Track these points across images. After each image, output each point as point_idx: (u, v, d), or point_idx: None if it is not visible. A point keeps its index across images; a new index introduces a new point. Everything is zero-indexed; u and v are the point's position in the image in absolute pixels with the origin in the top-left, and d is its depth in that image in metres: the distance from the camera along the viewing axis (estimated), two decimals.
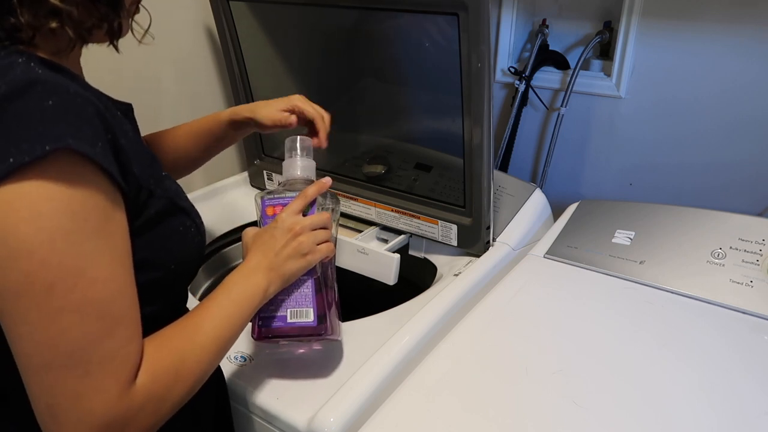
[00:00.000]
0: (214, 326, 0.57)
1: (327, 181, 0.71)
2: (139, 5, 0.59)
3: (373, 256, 1.05)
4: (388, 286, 1.06)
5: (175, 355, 0.52)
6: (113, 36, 0.55)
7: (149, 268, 0.53)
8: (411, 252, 1.13)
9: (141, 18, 0.62)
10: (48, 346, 0.44)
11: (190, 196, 1.30)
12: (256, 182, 1.31)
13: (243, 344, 0.84)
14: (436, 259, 1.09)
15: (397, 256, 1.02)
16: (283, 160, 0.78)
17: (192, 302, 0.95)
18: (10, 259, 0.42)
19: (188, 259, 0.60)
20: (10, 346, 0.45)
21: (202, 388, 0.56)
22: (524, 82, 1.30)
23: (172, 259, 0.57)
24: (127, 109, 0.64)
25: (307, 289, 0.69)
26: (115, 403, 0.46)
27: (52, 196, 0.43)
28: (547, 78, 1.30)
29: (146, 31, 0.63)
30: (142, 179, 0.52)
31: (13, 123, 0.42)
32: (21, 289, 0.43)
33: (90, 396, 0.45)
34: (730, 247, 0.89)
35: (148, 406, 0.49)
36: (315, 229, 0.67)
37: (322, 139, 0.81)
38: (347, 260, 1.09)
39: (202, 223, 0.64)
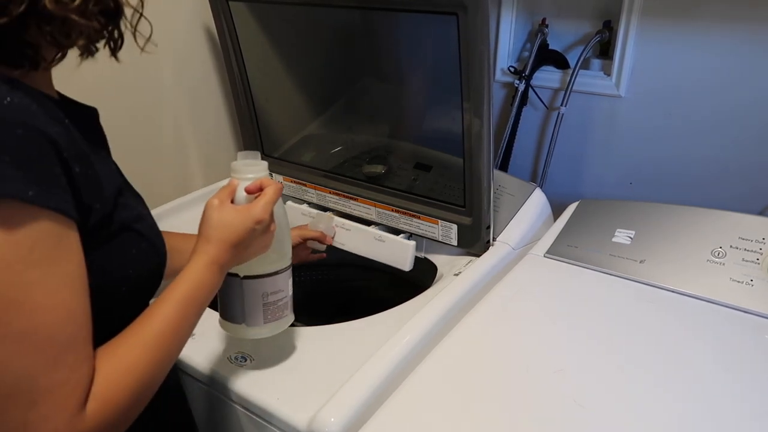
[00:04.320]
0: (168, 325, 0.55)
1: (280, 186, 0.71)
2: (142, 15, 0.57)
3: (389, 243, 1.08)
4: (388, 285, 1.06)
5: (128, 367, 0.51)
6: (115, 48, 0.54)
7: (101, 292, 0.52)
8: None
9: (144, 25, 0.61)
10: (20, 376, 0.43)
11: (190, 196, 1.31)
12: None
13: (243, 344, 0.84)
14: (436, 258, 1.09)
15: (413, 242, 1.04)
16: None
17: None
18: None
19: (143, 282, 0.59)
20: None
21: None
22: (524, 81, 1.30)
23: (126, 282, 0.56)
24: (91, 116, 0.62)
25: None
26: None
27: None
28: (547, 77, 1.30)
29: (148, 38, 0.60)
30: (94, 206, 0.51)
31: None
32: None
33: (37, 426, 0.44)
34: (731, 246, 0.89)
35: (100, 428, 0.48)
36: None
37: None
38: (364, 247, 1.12)
39: (162, 243, 0.62)
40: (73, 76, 0.61)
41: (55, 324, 0.45)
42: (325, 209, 1.21)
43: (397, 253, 1.08)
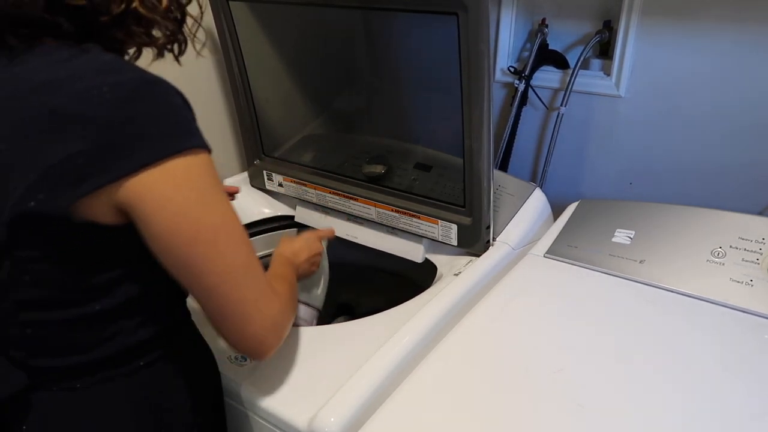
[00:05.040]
0: (285, 279, 0.77)
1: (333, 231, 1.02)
2: (200, 26, 0.67)
3: (402, 237, 1.10)
4: (387, 285, 1.06)
5: (283, 290, 0.71)
6: (179, 52, 0.64)
7: None
8: None
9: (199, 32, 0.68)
10: (230, 273, 0.58)
11: None
12: (256, 182, 1.31)
13: None
14: (436, 258, 1.09)
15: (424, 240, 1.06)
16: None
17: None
18: (180, 214, 0.54)
19: None
20: (193, 288, 0.59)
21: (203, 379, 0.70)
22: (524, 81, 1.30)
23: None
24: None
25: None
26: (274, 305, 0.63)
27: (194, 169, 0.55)
28: (547, 77, 1.30)
29: (203, 44, 0.70)
30: None
31: (160, 116, 0.53)
32: (198, 235, 0.56)
33: (262, 301, 0.61)
34: (730, 246, 0.89)
35: (286, 313, 0.66)
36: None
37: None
38: (377, 241, 1.14)
39: None
40: None
41: (243, 235, 0.60)
42: (325, 209, 1.21)
43: (410, 245, 1.10)
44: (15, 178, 0.52)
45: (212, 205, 0.57)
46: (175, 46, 0.63)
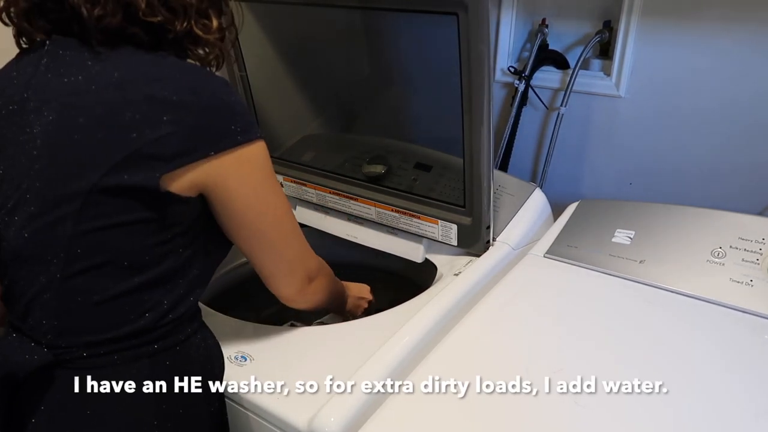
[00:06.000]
0: (337, 289, 0.91)
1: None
2: (233, 44, 0.78)
3: (402, 236, 1.10)
4: (388, 285, 1.06)
5: (326, 280, 0.85)
6: (218, 65, 0.72)
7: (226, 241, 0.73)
8: None
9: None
10: (285, 236, 0.74)
11: None
12: None
13: (243, 344, 0.84)
14: (436, 258, 1.09)
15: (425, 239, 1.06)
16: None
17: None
18: (254, 192, 0.68)
19: None
20: (254, 250, 0.72)
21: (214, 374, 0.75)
22: (524, 81, 1.30)
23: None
24: None
25: None
26: (313, 262, 0.80)
27: (262, 155, 0.67)
28: (547, 77, 1.30)
29: (234, 60, 0.82)
30: None
31: (238, 110, 0.64)
32: (266, 209, 0.70)
33: (305, 257, 0.78)
34: (730, 246, 0.89)
35: (321, 276, 0.82)
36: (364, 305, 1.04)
37: None
38: (377, 241, 1.13)
39: None
40: None
41: (294, 217, 0.76)
42: (325, 209, 1.21)
43: (410, 245, 1.10)
44: (98, 154, 0.59)
45: (274, 184, 0.70)
46: (213, 60, 0.71)
